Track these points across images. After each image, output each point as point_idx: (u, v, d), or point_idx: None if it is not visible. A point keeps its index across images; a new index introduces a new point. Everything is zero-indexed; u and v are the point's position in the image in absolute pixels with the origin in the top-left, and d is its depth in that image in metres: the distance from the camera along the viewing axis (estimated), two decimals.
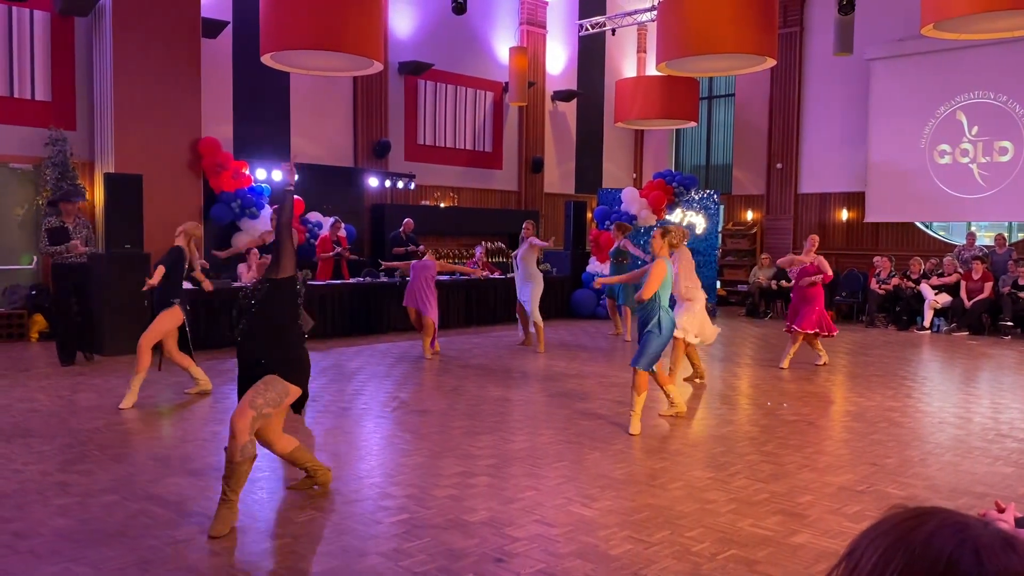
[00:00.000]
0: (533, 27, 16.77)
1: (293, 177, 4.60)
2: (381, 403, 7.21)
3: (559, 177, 17.95)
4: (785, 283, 13.99)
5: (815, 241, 9.45)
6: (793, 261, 9.53)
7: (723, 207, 17.42)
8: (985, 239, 14.95)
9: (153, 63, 10.95)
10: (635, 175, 19.41)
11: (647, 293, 6.13)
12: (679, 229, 7.80)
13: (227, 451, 4.07)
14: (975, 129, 14.70)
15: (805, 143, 17.04)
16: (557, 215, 16.96)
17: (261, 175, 12.23)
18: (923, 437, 6.23)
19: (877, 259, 14.10)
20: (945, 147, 15.08)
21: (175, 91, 11.18)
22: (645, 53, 16.87)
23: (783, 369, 9.12)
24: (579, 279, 14.43)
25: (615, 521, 4.23)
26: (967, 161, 14.84)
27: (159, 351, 7.17)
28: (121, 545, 3.83)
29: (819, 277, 9.14)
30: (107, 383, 7.77)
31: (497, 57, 16.33)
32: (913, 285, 13.46)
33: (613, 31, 17.21)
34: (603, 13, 17.52)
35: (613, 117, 15.85)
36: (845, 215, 16.53)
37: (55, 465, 5.11)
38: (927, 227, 15.85)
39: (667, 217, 14.35)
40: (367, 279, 11.95)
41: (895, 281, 13.59)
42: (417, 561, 3.67)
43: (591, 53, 18.25)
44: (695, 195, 14.88)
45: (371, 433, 6.23)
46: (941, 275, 13.38)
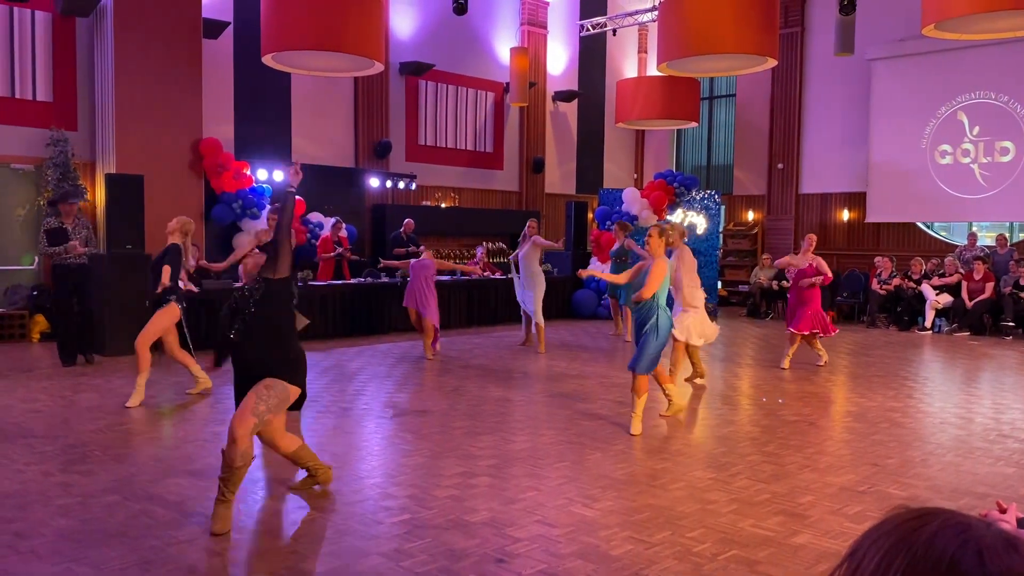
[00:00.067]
0: (534, 27, 16.77)
1: (297, 180, 4.58)
2: (382, 404, 7.21)
3: (560, 177, 17.95)
4: (786, 283, 13.98)
5: (813, 240, 9.43)
6: (791, 263, 9.43)
7: (724, 207, 17.41)
8: (986, 239, 14.95)
9: (154, 63, 10.96)
10: (636, 175, 19.41)
11: (648, 292, 6.09)
12: (677, 227, 7.81)
13: (225, 455, 4.05)
14: (976, 129, 14.70)
15: (806, 143, 17.03)
16: (558, 215, 16.97)
17: (262, 175, 12.24)
18: (924, 437, 6.23)
19: (878, 259, 14.10)
20: (946, 147, 15.08)
21: (176, 91, 11.19)
22: (646, 53, 16.89)
23: (784, 370, 9.12)
24: (580, 280, 14.43)
25: (616, 521, 4.23)
26: (968, 161, 14.84)
27: (159, 350, 7.17)
28: (122, 545, 3.83)
29: (819, 279, 9.12)
30: (108, 383, 7.77)
31: (498, 57, 16.33)
32: (914, 285, 13.46)
33: (614, 31, 17.20)
34: (604, 13, 17.52)
35: (614, 117, 15.85)
36: (846, 215, 16.52)
37: (56, 465, 5.11)
38: (928, 227, 15.85)
39: (668, 217, 14.34)
40: (368, 279, 11.95)
41: (896, 281, 13.59)
42: (418, 561, 3.67)
43: (592, 53, 18.25)
44: (696, 195, 14.88)
45: (372, 433, 6.23)
46: (942, 275, 13.38)
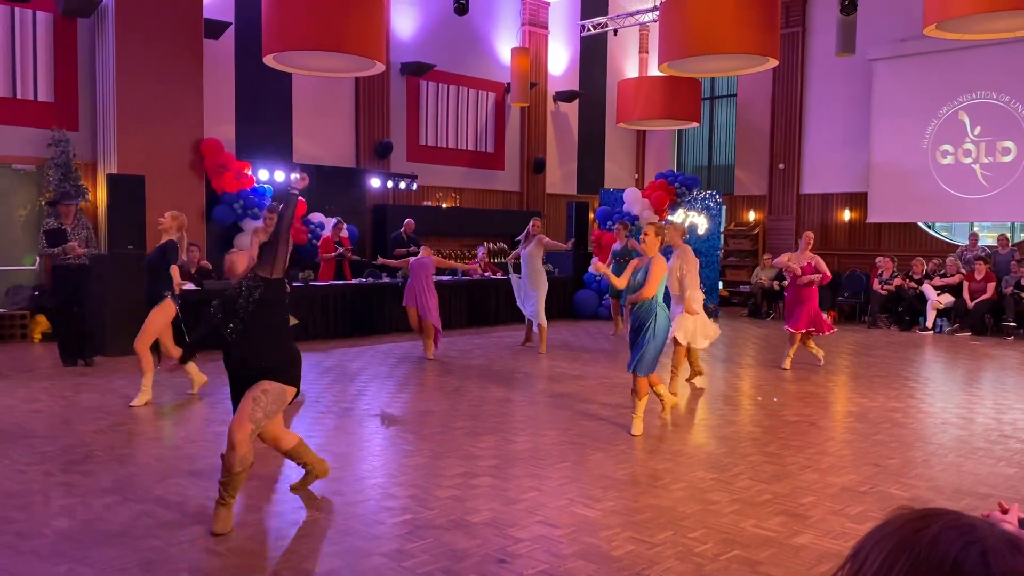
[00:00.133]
0: (535, 28, 16.77)
1: (302, 184, 4.57)
2: (383, 405, 7.22)
3: (561, 178, 17.95)
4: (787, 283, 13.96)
5: (810, 239, 9.42)
6: (789, 264, 9.32)
7: (725, 207, 17.39)
8: (988, 239, 14.94)
9: (155, 64, 10.96)
10: (637, 175, 19.41)
11: (650, 292, 6.07)
12: (678, 227, 7.80)
13: (225, 460, 4.05)
14: (977, 129, 14.69)
15: (807, 143, 17.03)
16: (559, 215, 16.96)
17: (263, 176, 12.24)
18: (926, 438, 6.23)
19: (879, 259, 14.09)
20: (947, 147, 15.07)
21: (177, 92, 11.20)
22: (647, 53, 16.86)
23: (785, 370, 9.12)
24: (581, 279, 14.44)
25: (618, 522, 4.23)
26: (970, 161, 14.83)
27: (158, 351, 7.17)
28: (123, 545, 3.83)
29: (817, 277, 9.10)
30: (109, 384, 7.77)
31: (499, 58, 16.33)
32: (916, 286, 13.45)
33: (615, 31, 17.20)
34: (605, 13, 17.52)
35: (615, 117, 15.85)
36: (847, 215, 16.51)
37: (58, 466, 5.12)
38: (929, 227, 15.84)
39: (669, 217, 14.34)
40: (369, 280, 11.95)
41: (897, 281, 13.58)
42: (420, 562, 3.67)
43: (593, 54, 18.25)
44: (697, 195, 14.88)
45: (373, 434, 6.23)
46: (944, 275, 13.37)
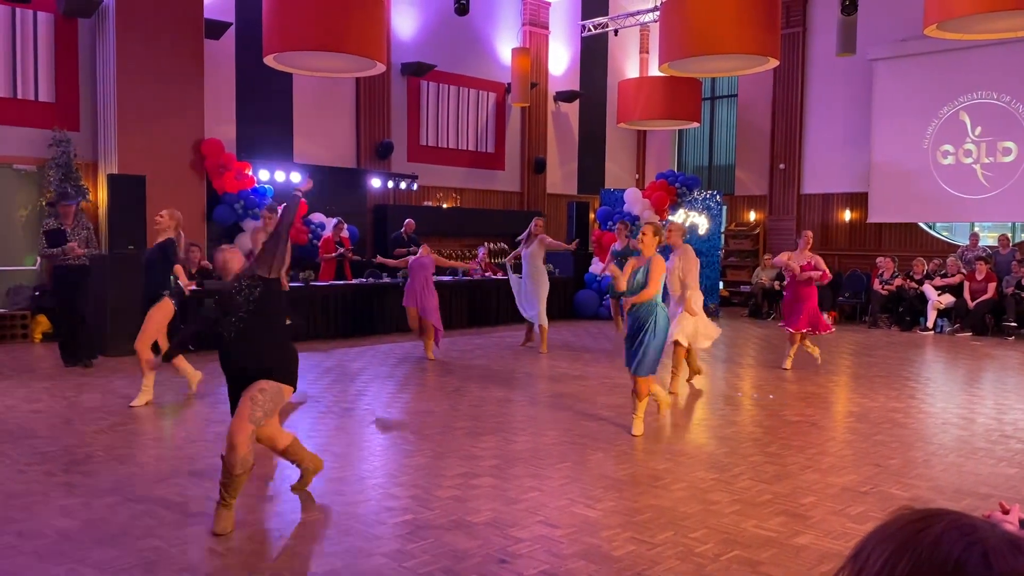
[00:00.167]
0: (535, 28, 16.76)
1: (306, 187, 4.59)
2: (384, 405, 7.22)
3: (561, 178, 17.95)
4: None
5: (809, 238, 9.42)
6: (788, 263, 9.30)
7: (726, 208, 17.39)
8: (988, 240, 14.94)
9: (156, 64, 10.96)
10: (638, 176, 19.41)
11: (652, 292, 6.08)
12: (679, 227, 7.79)
13: (225, 462, 4.04)
14: (978, 130, 14.68)
15: (808, 143, 17.02)
16: (560, 216, 16.95)
17: (264, 176, 12.24)
18: (927, 438, 6.23)
19: (880, 260, 14.09)
20: (948, 147, 15.06)
21: (178, 92, 11.20)
22: (648, 54, 16.88)
23: (786, 370, 9.12)
24: (582, 280, 14.43)
25: (618, 522, 4.23)
26: (970, 162, 14.82)
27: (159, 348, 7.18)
28: (125, 545, 3.84)
29: (817, 274, 9.10)
30: (110, 384, 7.78)
31: (499, 58, 16.33)
32: (916, 286, 13.45)
33: (616, 32, 17.21)
34: (606, 14, 17.51)
35: (616, 118, 15.84)
36: (848, 216, 16.51)
37: (59, 466, 5.12)
38: (930, 228, 15.83)
39: (670, 217, 14.34)
40: (370, 280, 11.96)
41: (898, 282, 13.58)
42: (421, 562, 3.68)
43: (594, 54, 18.24)
44: (698, 196, 14.88)
45: (374, 434, 6.23)
46: (944, 276, 13.37)
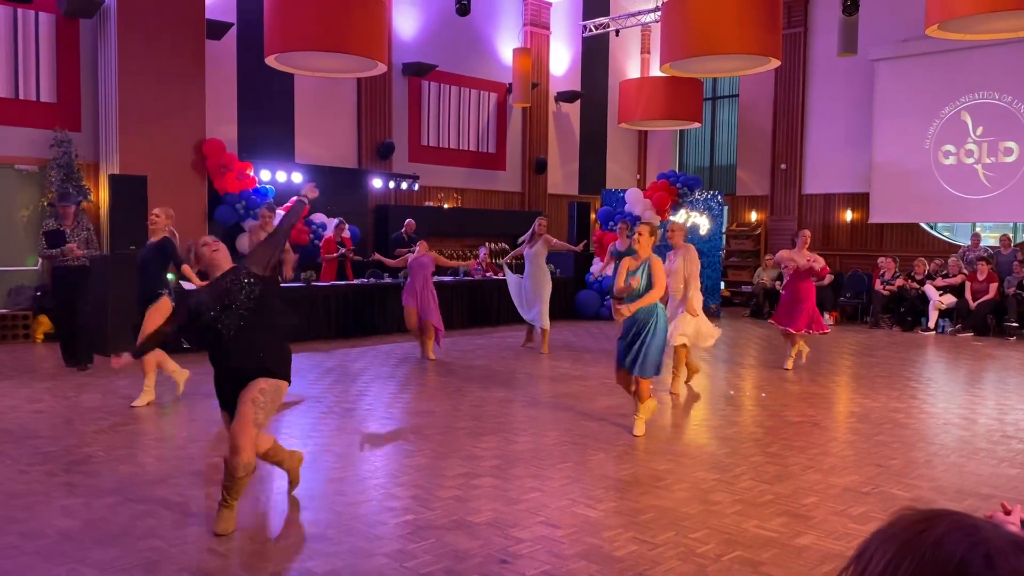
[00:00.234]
0: (537, 28, 16.76)
1: (312, 195, 4.61)
2: (385, 404, 7.22)
3: (563, 178, 17.95)
4: None
5: (807, 237, 9.42)
6: (792, 256, 9.29)
7: (727, 208, 17.39)
8: (990, 240, 14.93)
9: (158, 64, 10.96)
10: (639, 176, 19.41)
11: (660, 294, 6.09)
12: (680, 226, 7.78)
13: (228, 464, 4.01)
14: (980, 130, 14.67)
15: (809, 144, 17.02)
16: (561, 216, 16.95)
17: (265, 176, 12.25)
18: (928, 438, 6.22)
19: (881, 260, 14.08)
20: (950, 148, 15.05)
21: (179, 92, 11.20)
22: (649, 54, 16.87)
23: (787, 370, 9.12)
24: (583, 280, 14.43)
25: (620, 522, 4.23)
26: (972, 162, 14.81)
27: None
28: (126, 545, 3.84)
29: (820, 264, 9.09)
30: (112, 384, 7.78)
31: (501, 58, 16.33)
32: (918, 286, 13.44)
33: (617, 32, 17.20)
34: (607, 14, 17.51)
35: (617, 118, 15.85)
36: (849, 216, 16.50)
37: (60, 466, 5.12)
38: (932, 228, 15.82)
39: (671, 218, 14.34)
40: (371, 280, 11.96)
41: (899, 282, 13.57)
42: (422, 562, 3.68)
43: (595, 54, 18.24)
44: (699, 196, 14.88)
45: (375, 434, 6.23)
46: (946, 276, 13.36)
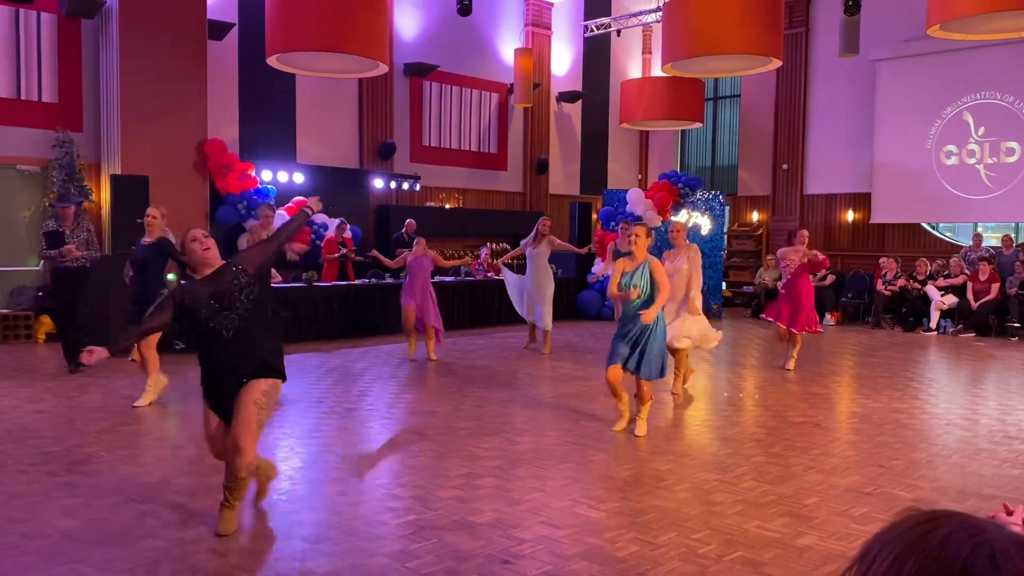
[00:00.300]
0: (538, 28, 16.76)
1: (317, 208, 4.61)
2: (387, 405, 7.22)
3: (564, 178, 17.94)
4: None
5: (805, 236, 9.42)
6: (788, 254, 9.30)
7: (728, 208, 17.39)
8: (992, 240, 14.92)
9: (159, 65, 10.97)
10: (640, 176, 19.40)
11: (668, 294, 6.11)
12: (682, 226, 7.78)
13: (231, 466, 3.98)
14: (982, 130, 14.66)
15: (811, 144, 17.01)
16: (562, 216, 16.95)
17: (267, 176, 12.25)
18: (930, 439, 6.22)
19: (883, 260, 14.06)
20: (951, 148, 15.04)
21: (181, 93, 11.20)
22: (650, 54, 16.86)
23: (789, 371, 9.11)
24: (584, 280, 14.42)
25: (621, 523, 4.23)
26: (974, 162, 14.80)
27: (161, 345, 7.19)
28: (127, 546, 3.84)
29: (821, 256, 9.10)
30: (113, 384, 7.78)
31: (502, 59, 16.33)
32: (919, 286, 13.43)
33: (618, 32, 17.20)
34: (608, 14, 17.51)
35: (618, 118, 15.84)
36: (851, 216, 16.49)
37: (62, 466, 5.13)
38: (933, 228, 15.81)
39: (673, 218, 14.33)
40: (372, 280, 11.96)
41: (901, 282, 13.56)
42: (423, 563, 3.67)
43: (596, 54, 18.24)
44: (700, 196, 14.87)
45: (377, 434, 6.23)
46: (947, 276, 13.35)
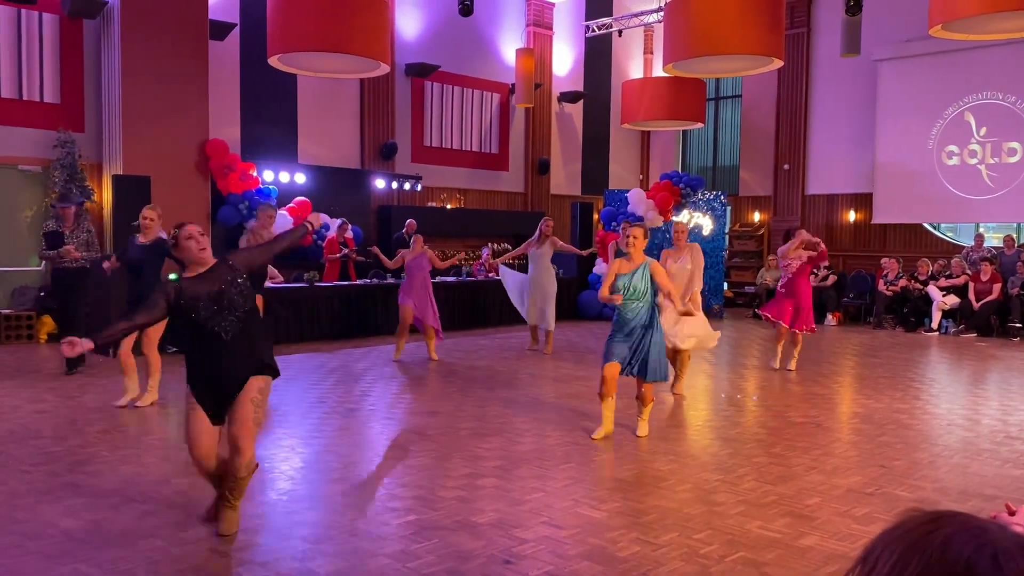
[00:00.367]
0: (539, 28, 16.76)
1: (317, 224, 4.69)
2: (388, 405, 7.22)
3: (565, 178, 17.94)
4: None
5: (803, 236, 9.41)
6: (806, 239, 9.28)
7: (730, 208, 17.38)
8: (993, 240, 14.90)
9: (161, 65, 10.97)
10: (641, 176, 19.39)
11: (675, 290, 6.12)
12: (683, 225, 7.79)
13: (231, 465, 3.97)
14: (983, 130, 14.65)
15: (812, 144, 17.00)
16: (563, 216, 16.94)
17: (268, 177, 12.26)
18: (932, 439, 6.21)
19: (885, 260, 14.05)
20: (953, 148, 15.04)
21: (183, 93, 11.21)
22: (652, 54, 16.85)
23: (790, 371, 9.10)
24: (586, 280, 14.43)
25: (623, 523, 4.23)
26: (975, 162, 14.79)
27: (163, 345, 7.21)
28: (129, 546, 3.84)
29: (822, 248, 9.10)
30: (115, 384, 7.77)
31: (503, 59, 16.33)
32: (921, 286, 13.42)
33: (620, 32, 17.20)
34: (610, 14, 17.51)
35: (620, 118, 15.84)
36: (852, 216, 16.49)
37: (64, 466, 5.13)
38: (935, 228, 15.80)
39: (674, 218, 14.32)
40: (374, 280, 11.97)
41: (903, 282, 13.55)
42: (425, 563, 3.67)
43: (598, 54, 18.24)
44: (702, 196, 14.86)
45: (378, 434, 6.24)
46: (949, 276, 13.34)
